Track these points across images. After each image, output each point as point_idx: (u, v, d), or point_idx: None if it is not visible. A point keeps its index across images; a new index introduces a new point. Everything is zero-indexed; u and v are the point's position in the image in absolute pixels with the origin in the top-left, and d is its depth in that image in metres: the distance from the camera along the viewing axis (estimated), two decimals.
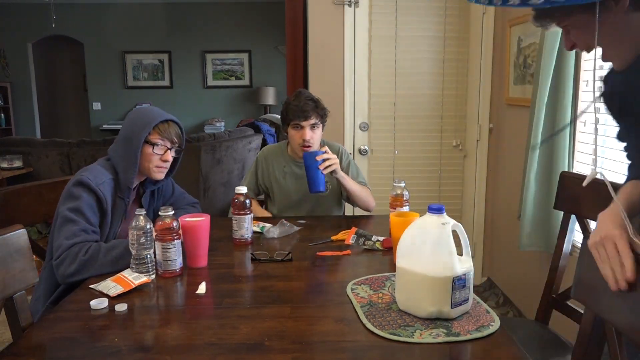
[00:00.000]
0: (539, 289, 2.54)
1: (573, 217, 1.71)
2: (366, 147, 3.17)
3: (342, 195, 2.25)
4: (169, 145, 1.70)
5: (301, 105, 2.09)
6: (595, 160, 2.15)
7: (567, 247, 1.70)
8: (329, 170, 2.00)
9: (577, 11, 0.92)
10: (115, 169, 1.66)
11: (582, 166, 2.25)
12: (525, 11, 2.63)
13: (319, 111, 2.13)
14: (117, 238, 1.67)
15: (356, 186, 2.16)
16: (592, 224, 1.69)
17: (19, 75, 7.63)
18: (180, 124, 1.75)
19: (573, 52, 2.14)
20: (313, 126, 2.12)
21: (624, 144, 1.19)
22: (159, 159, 1.69)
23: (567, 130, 2.19)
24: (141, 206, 1.79)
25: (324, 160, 1.99)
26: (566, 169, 2.21)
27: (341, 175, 2.08)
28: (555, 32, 2.14)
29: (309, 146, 2.12)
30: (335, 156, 2.05)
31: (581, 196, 1.69)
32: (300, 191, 2.21)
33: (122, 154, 1.66)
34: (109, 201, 1.61)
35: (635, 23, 0.89)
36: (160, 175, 1.72)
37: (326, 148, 2.07)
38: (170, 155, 1.71)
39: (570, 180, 1.75)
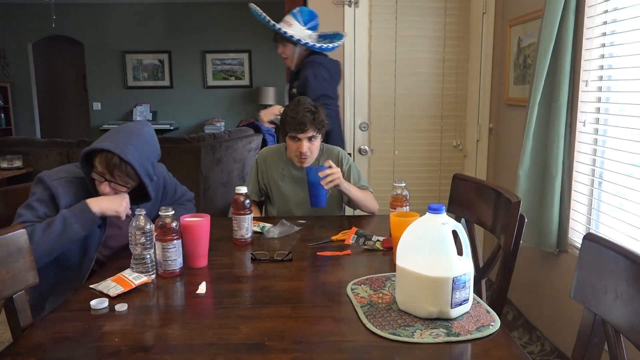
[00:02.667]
0: (539, 287, 2.54)
1: (463, 220, 1.73)
2: (366, 147, 3.17)
3: (343, 199, 2.25)
4: (107, 177, 1.57)
5: (299, 118, 2.03)
6: None
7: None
8: (332, 184, 1.98)
9: (281, 40, 2.59)
10: None
11: (582, 166, 2.25)
12: (525, 11, 2.63)
13: (317, 124, 2.07)
14: (105, 245, 1.65)
15: (359, 193, 2.13)
16: (479, 229, 1.72)
17: (19, 75, 7.63)
18: (134, 165, 1.54)
19: (570, 52, 2.14)
20: (310, 138, 2.09)
21: None
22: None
23: (562, 129, 2.19)
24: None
25: (327, 175, 1.96)
26: (560, 168, 2.22)
27: (345, 187, 2.06)
28: (550, 33, 2.14)
29: (305, 157, 2.11)
30: (338, 169, 2.01)
31: (469, 201, 1.70)
32: (299, 194, 2.19)
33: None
34: (65, 197, 1.56)
35: (298, 49, 2.58)
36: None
37: (330, 162, 2.03)
38: (107, 187, 1.58)
39: (461, 183, 1.75)
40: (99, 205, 1.55)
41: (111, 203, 1.57)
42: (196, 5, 7.47)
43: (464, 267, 1.15)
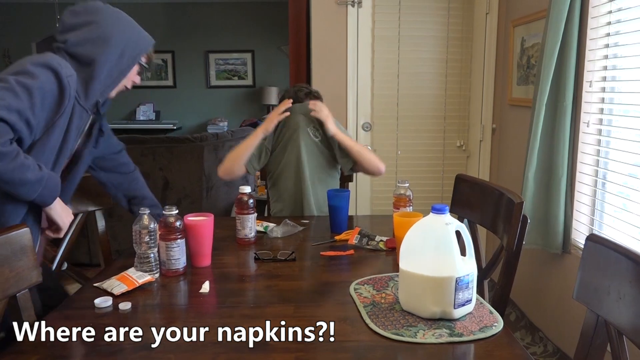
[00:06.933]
0: (541, 288, 2.54)
1: (466, 221, 1.74)
2: (369, 147, 3.17)
3: (345, 167, 2.20)
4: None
5: (294, 90, 2.23)
6: None
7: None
8: (318, 115, 2.08)
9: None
10: (89, 73, 1.36)
11: (585, 167, 2.25)
12: (528, 11, 2.62)
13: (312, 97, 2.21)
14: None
15: (354, 143, 2.13)
16: (481, 230, 1.72)
17: None
18: None
19: (575, 53, 2.14)
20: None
21: None
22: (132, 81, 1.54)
23: (567, 130, 2.19)
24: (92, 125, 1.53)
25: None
26: (565, 169, 2.21)
27: (335, 132, 2.08)
28: (555, 33, 2.14)
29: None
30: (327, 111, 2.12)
31: (472, 201, 1.70)
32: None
33: (114, 65, 1.40)
34: (71, 102, 1.29)
35: None
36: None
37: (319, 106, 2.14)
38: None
39: (464, 184, 1.75)
40: (60, 210, 1.38)
41: (67, 218, 1.42)
42: (199, 5, 7.48)
43: (467, 268, 1.15)
